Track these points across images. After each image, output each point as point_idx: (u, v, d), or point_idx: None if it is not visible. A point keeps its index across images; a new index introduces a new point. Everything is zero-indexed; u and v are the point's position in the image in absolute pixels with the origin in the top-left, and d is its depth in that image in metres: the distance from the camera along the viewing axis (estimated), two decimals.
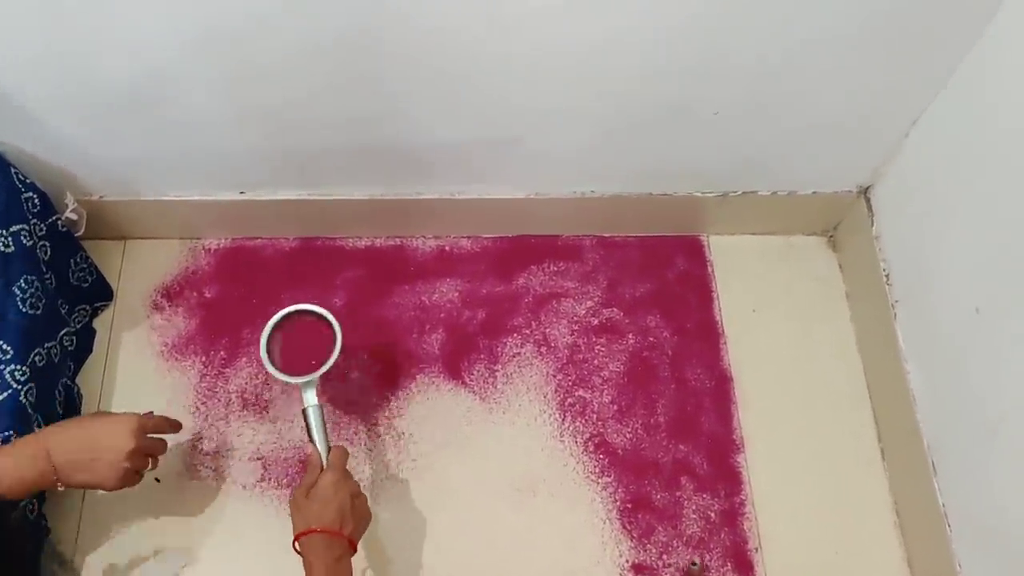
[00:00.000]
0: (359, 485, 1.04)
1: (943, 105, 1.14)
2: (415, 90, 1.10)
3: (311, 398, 1.07)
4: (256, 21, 0.98)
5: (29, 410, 1.08)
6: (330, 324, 1.11)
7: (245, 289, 1.36)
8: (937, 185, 1.17)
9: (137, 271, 1.36)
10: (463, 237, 1.42)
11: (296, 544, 0.98)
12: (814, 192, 1.34)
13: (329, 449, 1.05)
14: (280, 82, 1.08)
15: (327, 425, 1.07)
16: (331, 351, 1.09)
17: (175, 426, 1.11)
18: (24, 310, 1.10)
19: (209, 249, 1.38)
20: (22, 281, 1.11)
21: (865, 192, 1.33)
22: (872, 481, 1.26)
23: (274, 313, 1.12)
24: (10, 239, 1.10)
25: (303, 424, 1.07)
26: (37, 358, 1.12)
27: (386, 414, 1.28)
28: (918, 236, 1.22)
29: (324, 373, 1.08)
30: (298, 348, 1.11)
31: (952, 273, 1.13)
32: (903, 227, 1.26)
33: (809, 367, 1.33)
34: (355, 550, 0.99)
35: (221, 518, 1.20)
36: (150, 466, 1.07)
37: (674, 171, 1.30)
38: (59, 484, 0.96)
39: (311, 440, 1.05)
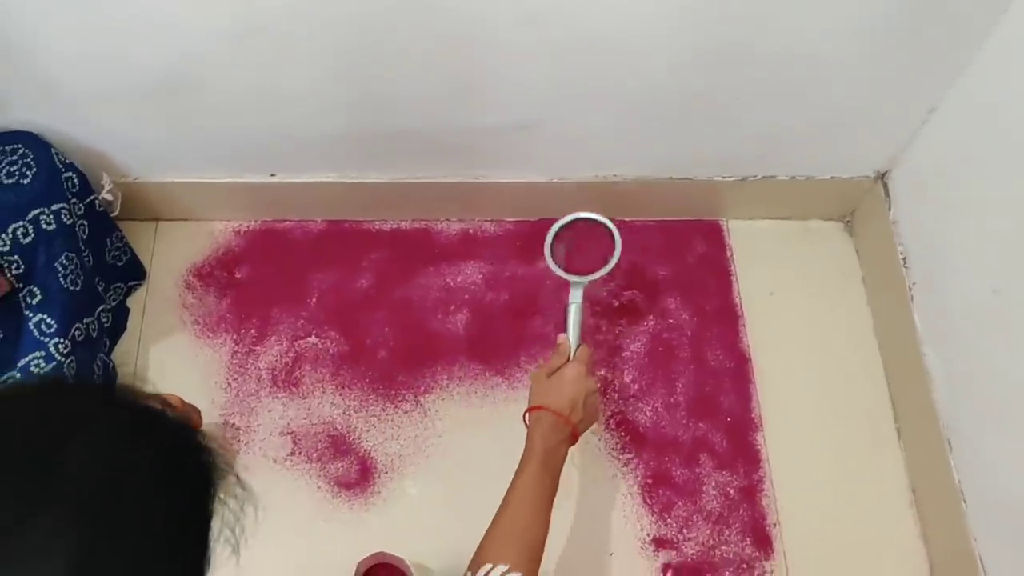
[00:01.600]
0: (597, 384, 1.08)
1: (962, 91, 1.16)
2: (440, 75, 1.13)
3: (578, 296, 1.12)
4: (286, 6, 1.01)
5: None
6: (611, 233, 1.16)
7: (274, 270, 1.39)
8: (954, 170, 1.19)
9: (169, 251, 1.39)
10: (487, 220, 1.45)
11: (526, 417, 1.03)
12: (832, 177, 1.36)
13: (580, 344, 1.09)
14: (309, 67, 1.11)
15: (583, 326, 1.12)
16: (608, 258, 1.15)
17: (200, 419, 1.12)
18: (65, 286, 1.14)
19: (239, 230, 1.42)
20: (63, 258, 1.14)
21: (882, 177, 1.35)
22: (888, 459, 1.29)
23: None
24: (51, 217, 1.14)
25: (563, 317, 1.12)
26: (77, 333, 1.15)
27: (412, 391, 1.31)
28: (935, 220, 1.24)
29: (595, 280, 1.14)
30: (577, 250, 1.18)
31: (970, 256, 1.16)
32: (920, 211, 1.28)
33: (826, 348, 1.36)
34: (575, 441, 1.03)
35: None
36: None
37: (695, 156, 1.32)
38: None
39: (566, 331, 1.10)
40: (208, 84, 1.13)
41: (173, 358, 1.32)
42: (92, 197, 1.23)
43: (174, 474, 0.52)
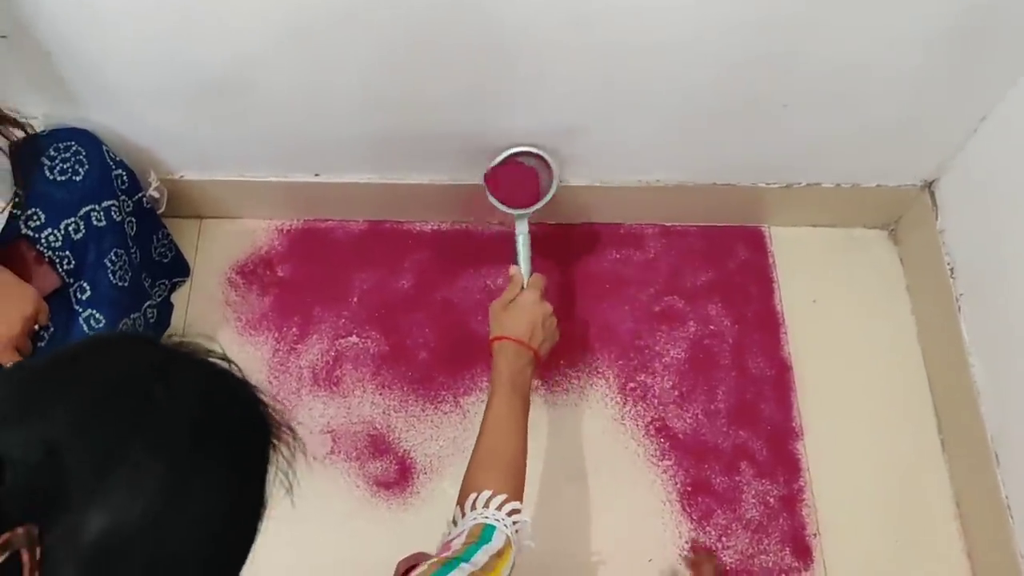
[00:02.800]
0: (551, 307, 1.13)
1: (1013, 102, 1.14)
2: (489, 79, 1.13)
3: (523, 227, 1.19)
4: (335, 8, 1.02)
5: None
6: (547, 162, 1.22)
7: (316, 269, 1.40)
8: (1004, 180, 1.18)
9: (213, 249, 1.40)
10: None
11: (493, 346, 1.08)
12: (878, 185, 1.35)
13: (531, 274, 1.17)
14: (355, 70, 1.12)
15: (532, 255, 1.18)
16: (548, 188, 1.22)
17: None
18: (114, 282, 1.15)
19: (282, 229, 1.43)
20: (112, 254, 1.15)
21: (930, 186, 1.33)
22: (932, 471, 1.27)
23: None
24: (102, 214, 1.15)
25: (514, 249, 1.19)
26: (124, 328, 1.16)
27: (452, 392, 1.31)
28: (984, 230, 1.22)
29: (537, 209, 1.20)
30: (516, 185, 1.24)
31: (1019, 266, 1.14)
32: (968, 221, 1.27)
33: (869, 357, 1.35)
34: (539, 363, 1.10)
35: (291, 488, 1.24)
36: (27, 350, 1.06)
37: (739, 162, 1.31)
38: None
39: (516, 263, 1.18)
40: (256, 85, 1.13)
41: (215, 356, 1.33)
42: (140, 194, 1.25)
43: (245, 418, 0.57)
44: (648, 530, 1.23)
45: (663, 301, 1.39)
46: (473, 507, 0.89)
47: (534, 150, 1.23)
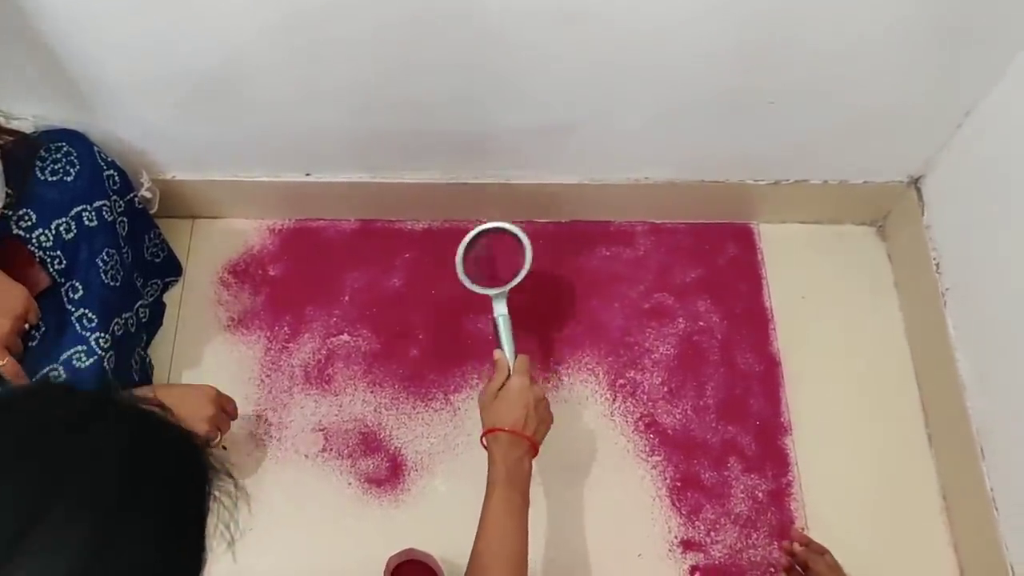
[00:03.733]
0: (543, 390, 1.10)
1: (997, 97, 1.15)
2: (477, 77, 1.14)
3: (501, 308, 1.16)
4: (326, 9, 1.03)
5: (109, 376, 1.13)
6: (519, 240, 1.19)
7: (308, 268, 1.40)
8: (989, 176, 1.19)
9: (205, 248, 1.41)
10: (518, 221, 1.45)
11: (483, 440, 1.05)
12: (865, 181, 1.36)
13: (516, 356, 1.12)
14: (346, 68, 1.12)
15: (514, 334, 1.14)
16: (522, 265, 1.18)
17: (235, 409, 1.17)
18: (106, 281, 1.16)
19: (274, 229, 1.43)
20: (104, 254, 1.16)
21: (916, 182, 1.35)
22: (919, 465, 1.28)
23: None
24: (94, 214, 1.16)
25: (492, 332, 1.15)
26: (116, 327, 1.17)
27: (443, 390, 1.32)
28: (969, 226, 1.23)
29: (514, 287, 1.17)
30: (488, 263, 1.22)
31: (1004, 262, 1.15)
32: (954, 217, 1.28)
33: (857, 353, 1.36)
34: (536, 451, 1.05)
35: (283, 486, 1.25)
36: (218, 439, 1.13)
37: (727, 159, 1.32)
38: None
39: (499, 346, 1.13)
40: (247, 85, 1.14)
41: (208, 354, 1.34)
42: (132, 194, 1.25)
43: (178, 470, 0.55)
44: (638, 525, 1.24)
45: (653, 298, 1.39)
46: None
47: (501, 226, 1.20)
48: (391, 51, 1.10)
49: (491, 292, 1.16)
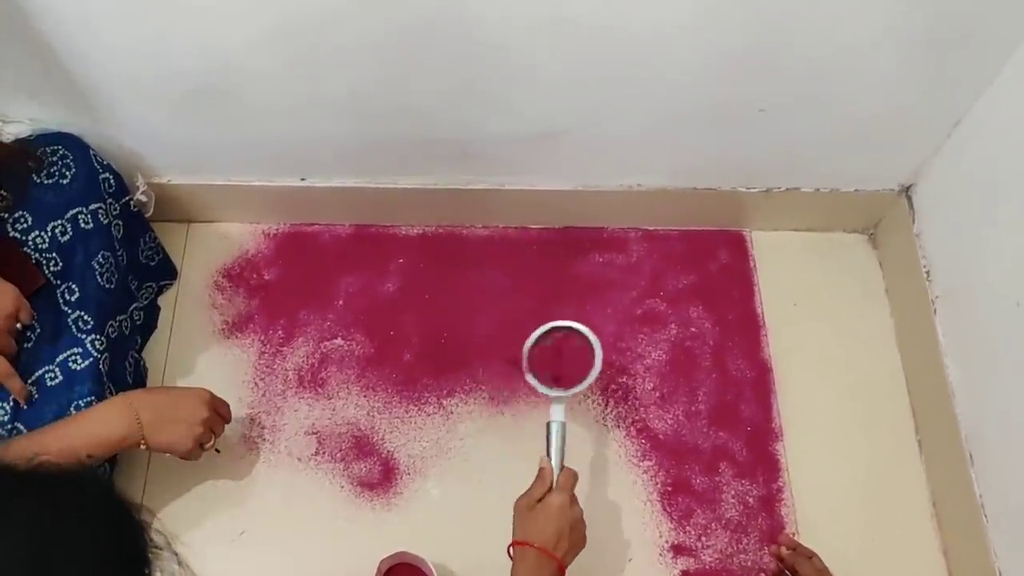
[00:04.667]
0: (583, 512, 1.05)
1: (985, 106, 1.17)
2: (470, 85, 1.15)
3: (559, 414, 1.09)
4: (322, 16, 1.04)
5: (104, 379, 1.14)
6: (589, 342, 1.12)
7: (302, 272, 1.41)
8: (979, 183, 1.20)
9: (200, 252, 1.42)
10: (511, 228, 1.46)
11: (510, 550, 1.01)
12: (856, 190, 1.37)
13: (562, 468, 1.06)
14: (342, 75, 1.13)
15: (566, 445, 1.08)
16: (589, 370, 1.11)
17: (228, 413, 1.17)
18: (101, 283, 1.16)
19: (269, 233, 1.44)
20: (99, 256, 1.17)
21: (907, 191, 1.36)
22: (909, 472, 1.29)
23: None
24: (89, 216, 1.17)
25: (545, 436, 1.08)
26: (110, 330, 1.17)
27: (436, 395, 1.32)
28: (958, 234, 1.25)
29: (578, 393, 1.10)
30: (555, 363, 1.15)
31: (993, 269, 1.16)
32: (944, 225, 1.29)
33: (848, 360, 1.36)
34: (564, 574, 1.00)
35: (276, 489, 1.25)
36: (211, 442, 1.13)
37: (719, 166, 1.33)
38: (142, 443, 1.02)
39: (548, 454, 1.07)
40: (242, 90, 1.15)
41: (202, 357, 1.34)
42: (127, 198, 1.26)
43: (104, 551, 0.51)
44: (629, 529, 1.24)
45: (645, 304, 1.40)
46: None
47: (572, 325, 1.14)
48: (385, 59, 1.11)
49: (556, 394, 1.09)
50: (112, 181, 1.23)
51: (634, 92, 1.17)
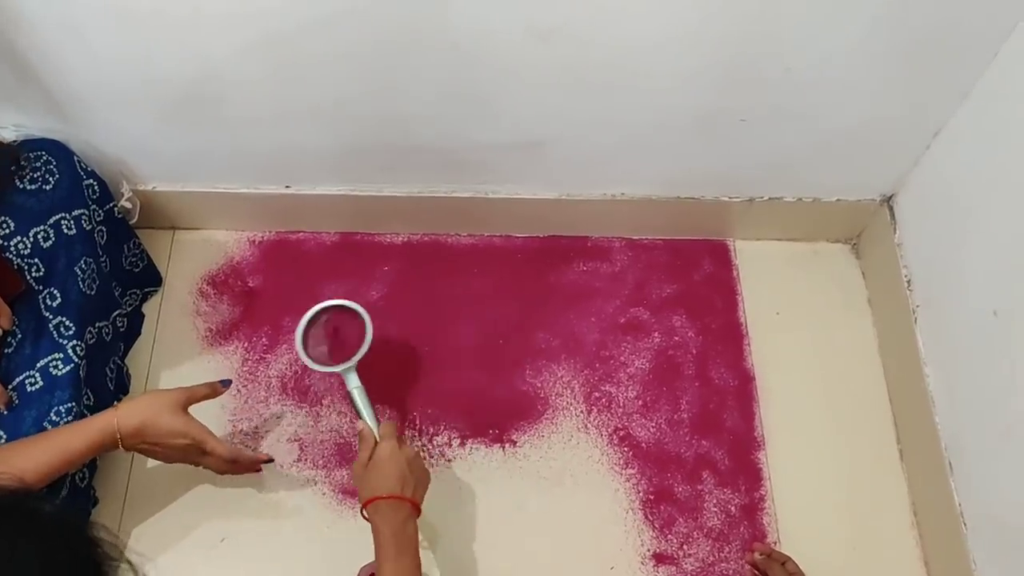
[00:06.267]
0: (414, 449, 1.10)
1: (964, 117, 1.17)
2: (453, 93, 1.16)
3: (353, 381, 1.15)
4: (307, 25, 1.04)
5: (82, 385, 1.14)
6: (359, 315, 1.19)
7: (287, 280, 1.41)
8: (958, 194, 1.21)
9: (185, 259, 1.42)
10: (496, 236, 1.47)
11: (363, 512, 1.03)
12: (838, 200, 1.38)
13: (379, 423, 1.11)
14: (326, 83, 1.14)
15: (373, 405, 1.14)
16: (363, 339, 1.17)
17: (219, 388, 1.16)
18: (83, 289, 1.16)
19: (254, 241, 1.44)
20: (82, 262, 1.17)
21: (888, 200, 1.37)
22: (890, 481, 1.29)
23: (309, 308, 1.21)
24: (72, 222, 1.17)
25: (351, 407, 1.14)
26: (89, 336, 1.17)
27: (419, 403, 1.33)
28: (939, 243, 1.25)
29: (360, 359, 1.16)
30: (334, 338, 1.21)
31: (972, 278, 1.17)
32: (925, 235, 1.29)
33: (830, 369, 1.37)
34: (419, 511, 1.05)
35: (259, 495, 1.25)
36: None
37: (702, 176, 1.34)
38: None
39: (361, 418, 1.12)
40: (228, 96, 1.16)
41: (185, 364, 1.34)
42: (111, 204, 1.26)
43: (57, 570, 0.51)
44: (611, 538, 1.24)
45: (629, 312, 1.41)
46: None
47: (334, 303, 1.20)
48: (370, 68, 1.11)
49: (338, 369, 1.15)
50: (96, 187, 1.23)
51: (617, 102, 1.18)
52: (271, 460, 1.23)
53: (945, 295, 1.23)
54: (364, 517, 1.04)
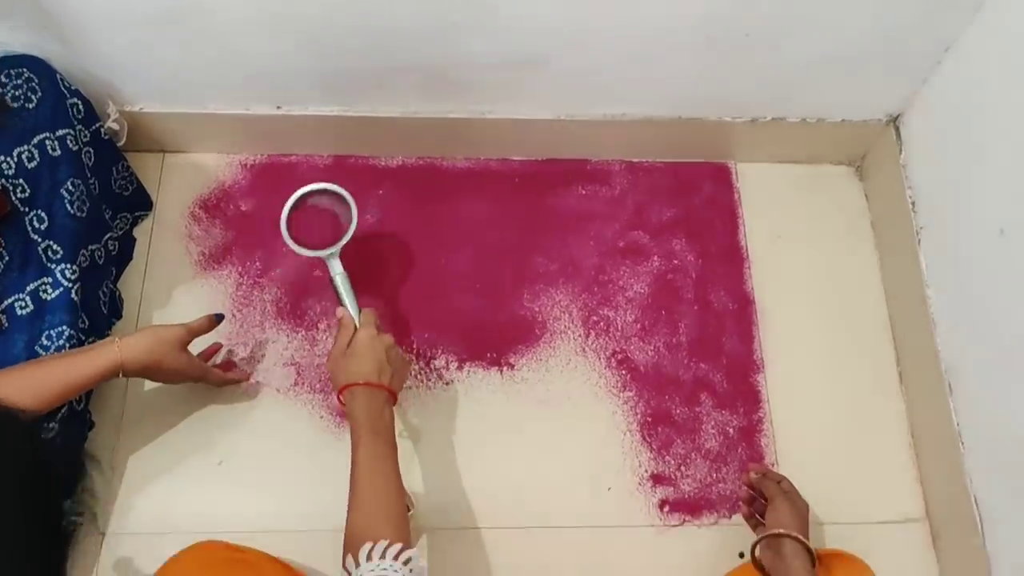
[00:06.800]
0: (392, 337, 1.08)
1: (975, 33, 1.14)
2: (448, 6, 1.12)
3: (336, 267, 1.14)
4: None
5: (79, 309, 1.12)
6: (345, 199, 1.17)
7: (281, 203, 1.37)
8: (967, 112, 1.18)
9: (175, 183, 1.39)
10: (493, 159, 1.44)
11: (340, 399, 1.03)
12: (843, 120, 1.35)
13: (360, 311, 1.11)
14: None
15: (355, 290, 1.13)
16: (349, 223, 1.16)
17: (214, 321, 1.17)
18: (72, 212, 1.14)
19: (245, 164, 1.41)
20: (69, 184, 1.14)
21: (895, 120, 1.33)
22: (889, 403, 1.29)
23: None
24: (56, 143, 1.14)
25: (333, 293, 1.13)
26: (82, 259, 1.16)
27: (416, 327, 1.31)
28: (944, 163, 1.23)
29: (345, 244, 1.15)
30: (319, 225, 1.19)
31: (978, 197, 1.15)
32: (930, 155, 1.27)
33: (831, 292, 1.36)
34: (396, 399, 1.04)
35: (255, 419, 1.25)
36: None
37: (704, 95, 1.31)
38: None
39: (342, 304, 1.12)
40: (215, 10, 1.11)
41: (178, 288, 1.32)
42: (98, 125, 1.23)
43: (15, 472, 0.53)
44: (608, 459, 1.25)
45: (628, 236, 1.39)
46: (369, 558, 0.85)
47: (320, 187, 1.18)
48: None
49: (322, 254, 1.14)
50: (81, 107, 1.19)
51: (617, 14, 1.14)
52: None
53: (951, 215, 1.21)
54: (340, 403, 1.03)
